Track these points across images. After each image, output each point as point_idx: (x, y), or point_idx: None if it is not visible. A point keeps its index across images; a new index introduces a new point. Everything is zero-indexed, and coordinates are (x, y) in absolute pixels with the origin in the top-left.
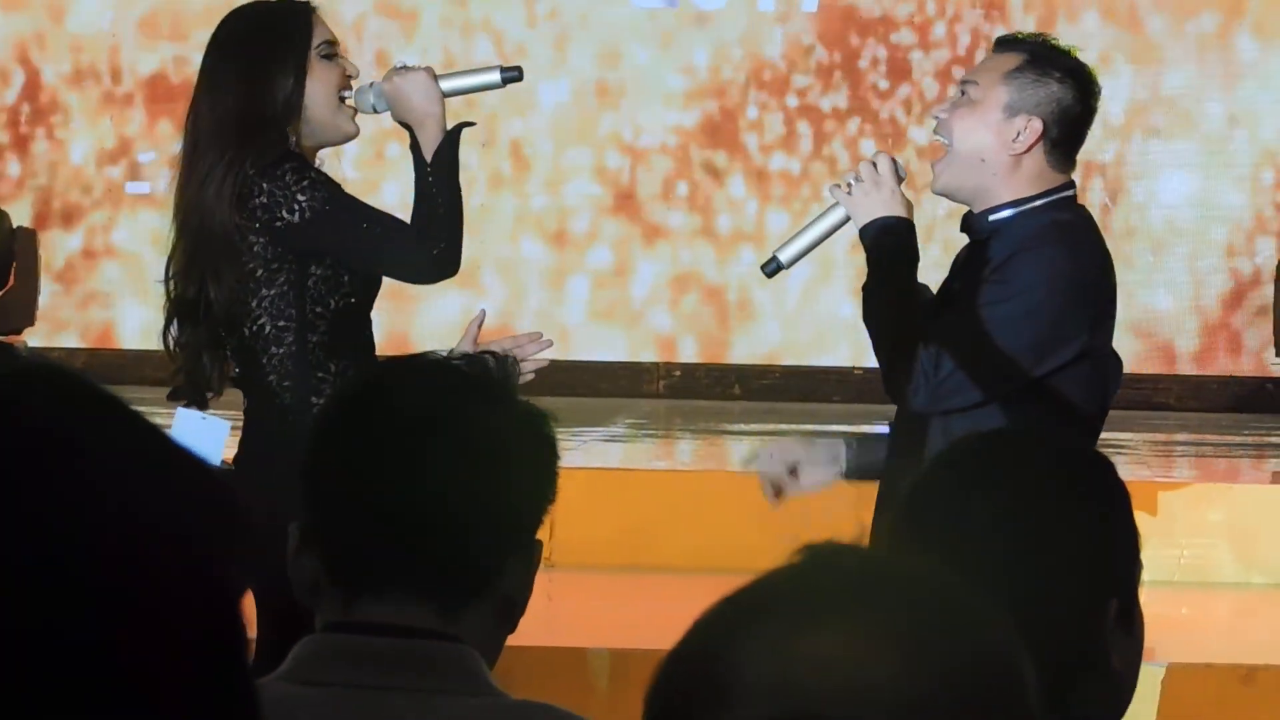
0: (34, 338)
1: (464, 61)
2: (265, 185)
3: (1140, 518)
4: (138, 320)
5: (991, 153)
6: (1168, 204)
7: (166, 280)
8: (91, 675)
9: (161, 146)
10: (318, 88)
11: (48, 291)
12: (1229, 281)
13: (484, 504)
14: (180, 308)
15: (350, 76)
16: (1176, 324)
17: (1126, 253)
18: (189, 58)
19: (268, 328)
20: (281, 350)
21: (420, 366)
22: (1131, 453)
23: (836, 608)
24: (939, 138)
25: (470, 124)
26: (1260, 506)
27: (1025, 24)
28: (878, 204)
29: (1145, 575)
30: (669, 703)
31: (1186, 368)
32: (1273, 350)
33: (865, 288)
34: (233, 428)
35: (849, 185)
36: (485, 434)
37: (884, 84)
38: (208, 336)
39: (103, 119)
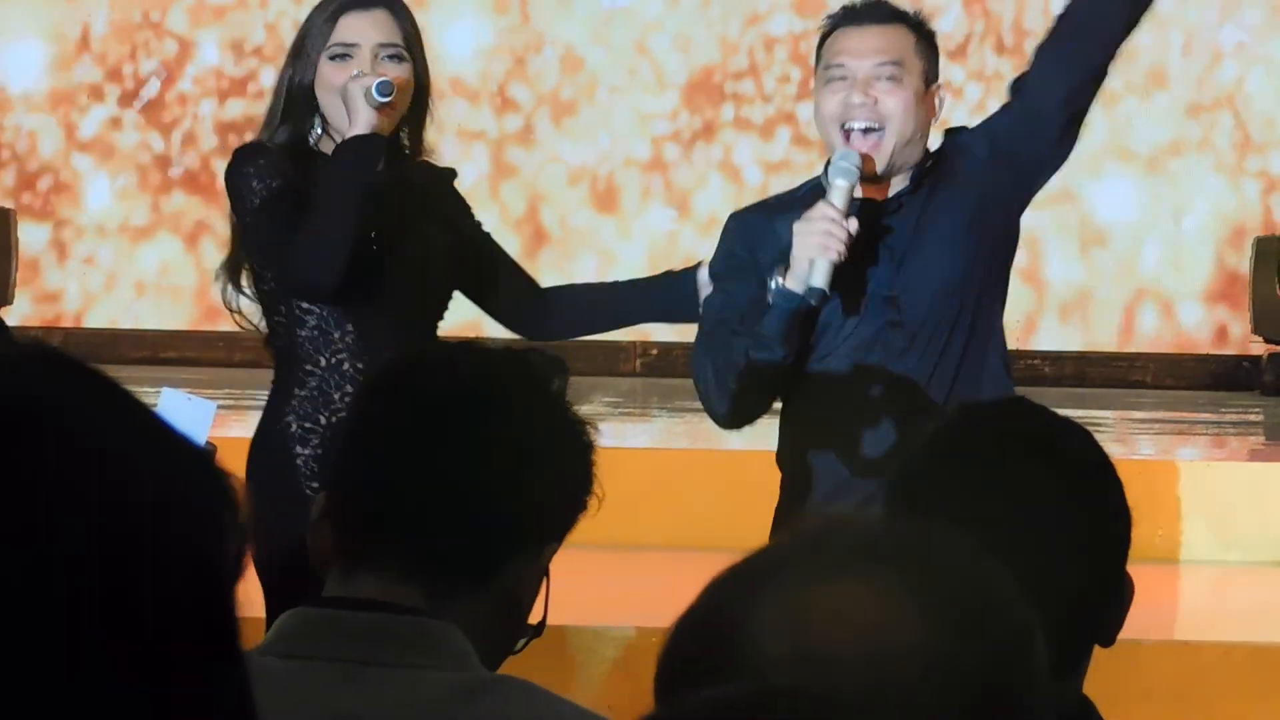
0: (9, 316)
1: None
2: (232, 176)
3: None
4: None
5: (924, 128)
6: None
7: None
8: (79, 650)
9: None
10: (322, 91)
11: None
12: (1209, 259)
13: (492, 499)
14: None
15: (355, 75)
16: (1151, 299)
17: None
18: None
19: (268, 321)
20: (278, 345)
21: (458, 353)
22: (1108, 430)
23: (848, 568)
24: (866, 123)
25: (369, 137)
26: (1236, 484)
27: None
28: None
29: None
30: (683, 662)
31: (1163, 345)
32: (1249, 327)
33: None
34: (219, 409)
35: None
36: (505, 429)
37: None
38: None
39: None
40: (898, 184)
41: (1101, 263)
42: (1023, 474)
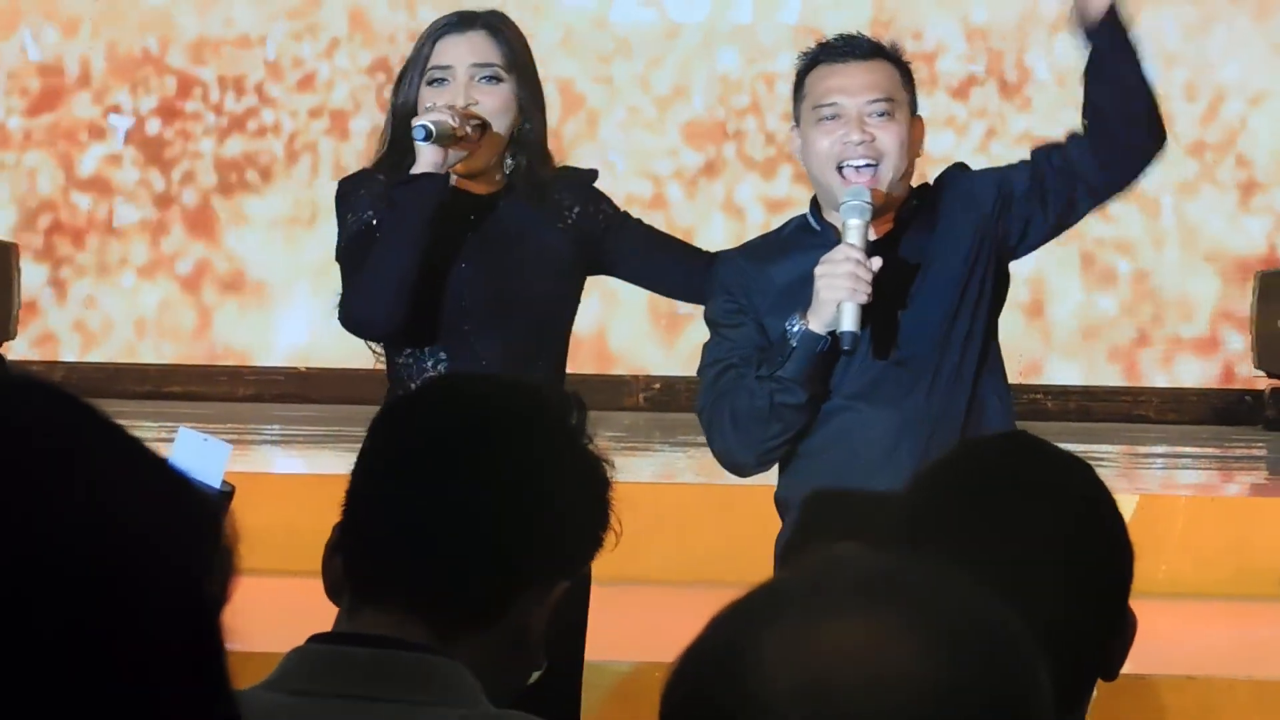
0: (9, 352)
1: None
2: (336, 206)
3: None
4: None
5: (913, 161)
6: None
7: None
8: (67, 679)
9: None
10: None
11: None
12: (1211, 293)
13: (504, 535)
14: None
15: (428, 107)
16: (1154, 334)
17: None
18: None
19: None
20: (386, 369)
21: (473, 386)
22: (1111, 464)
23: (853, 605)
24: (864, 160)
25: (422, 176)
26: (1240, 519)
27: None
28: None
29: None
30: (688, 699)
31: (1164, 380)
32: (1252, 362)
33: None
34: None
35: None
36: (519, 464)
37: None
38: None
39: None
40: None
41: (1105, 297)
42: (1024, 510)
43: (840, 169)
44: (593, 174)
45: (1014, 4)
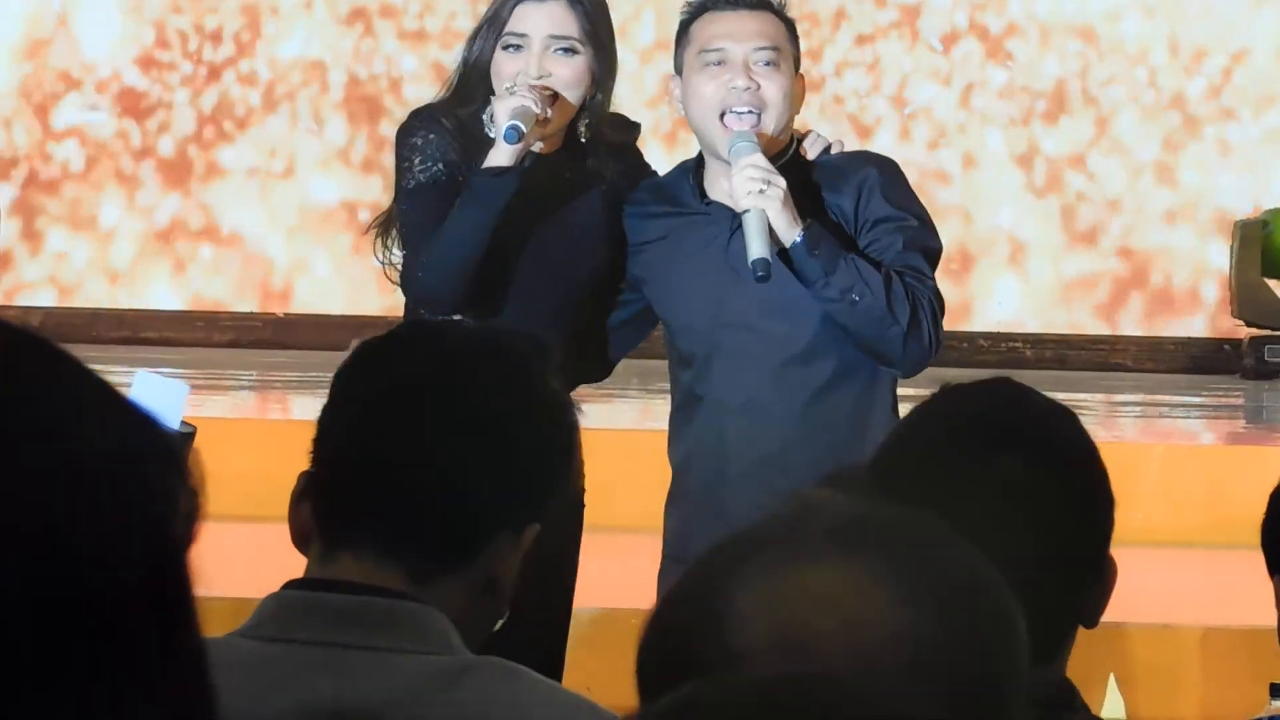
0: None
1: None
2: (400, 141)
3: None
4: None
5: (792, 117)
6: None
7: None
8: (32, 623)
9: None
10: (495, 78)
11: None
12: (1190, 241)
13: (474, 479)
14: None
15: (512, 80)
16: (1131, 283)
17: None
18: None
19: None
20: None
21: (439, 331)
22: (1089, 413)
23: (828, 552)
24: (747, 108)
25: (506, 171)
26: (1218, 467)
27: None
28: (781, 200)
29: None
30: (666, 652)
31: (1142, 328)
32: (1230, 311)
33: (831, 271)
34: (198, 389)
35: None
36: (486, 409)
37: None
38: None
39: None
40: None
41: (1083, 246)
42: (1006, 457)
43: (723, 116)
44: (636, 129)
45: None
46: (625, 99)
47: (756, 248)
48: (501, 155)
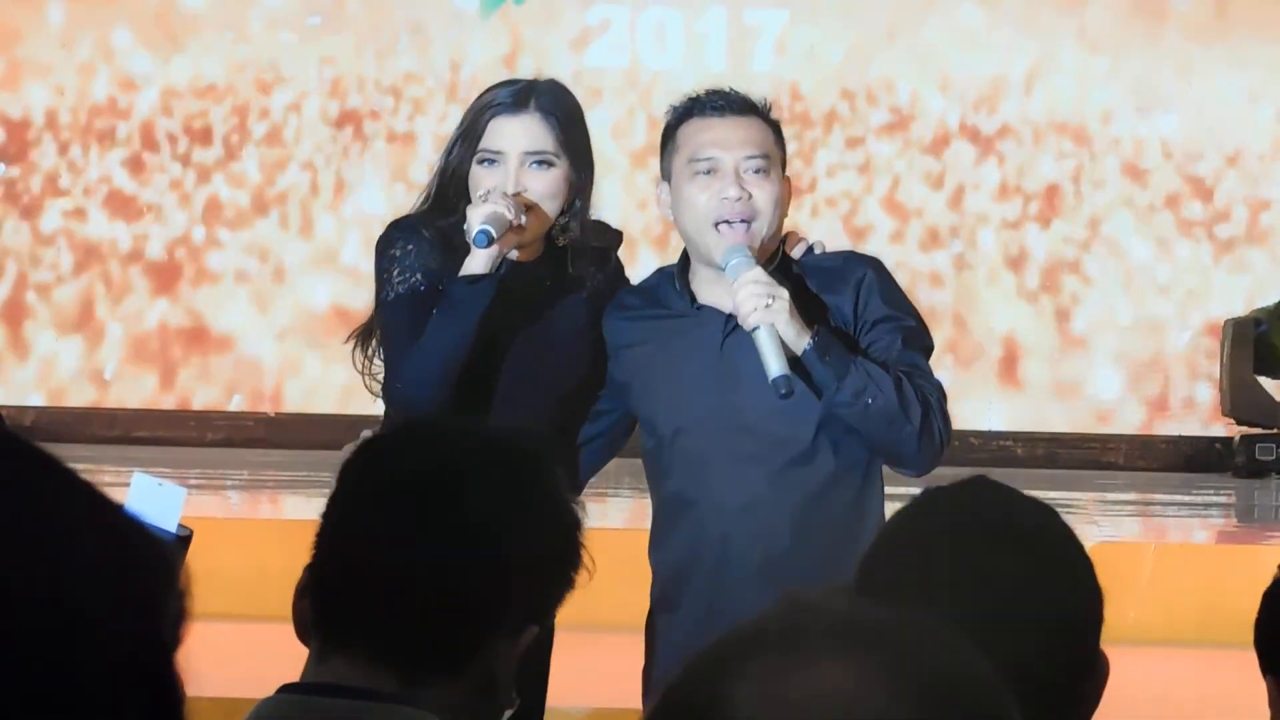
0: None
1: None
2: (380, 252)
3: None
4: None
5: (780, 221)
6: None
7: None
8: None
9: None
10: (473, 191)
11: None
12: (1181, 339)
13: (471, 583)
14: None
15: (482, 195)
16: (1124, 382)
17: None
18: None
19: None
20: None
21: (440, 431)
22: (1080, 511)
23: (829, 647)
24: (738, 219)
25: (482, 279)
26: (1209, 566)
27: None
28: (788, 311)
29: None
30: None
31: (1134, 427)
32: (1221, 409)
33: (842, 375)
34: (192, 489)
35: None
36: (484, 512)
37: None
38: None
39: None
40: None
41: (1076, 348)
42: (987, 555)
43: (715, 225)
44: (618, 236)
45: (988, 60)
46: (616, 200)
47: (775, 365)
48: (477, 263)
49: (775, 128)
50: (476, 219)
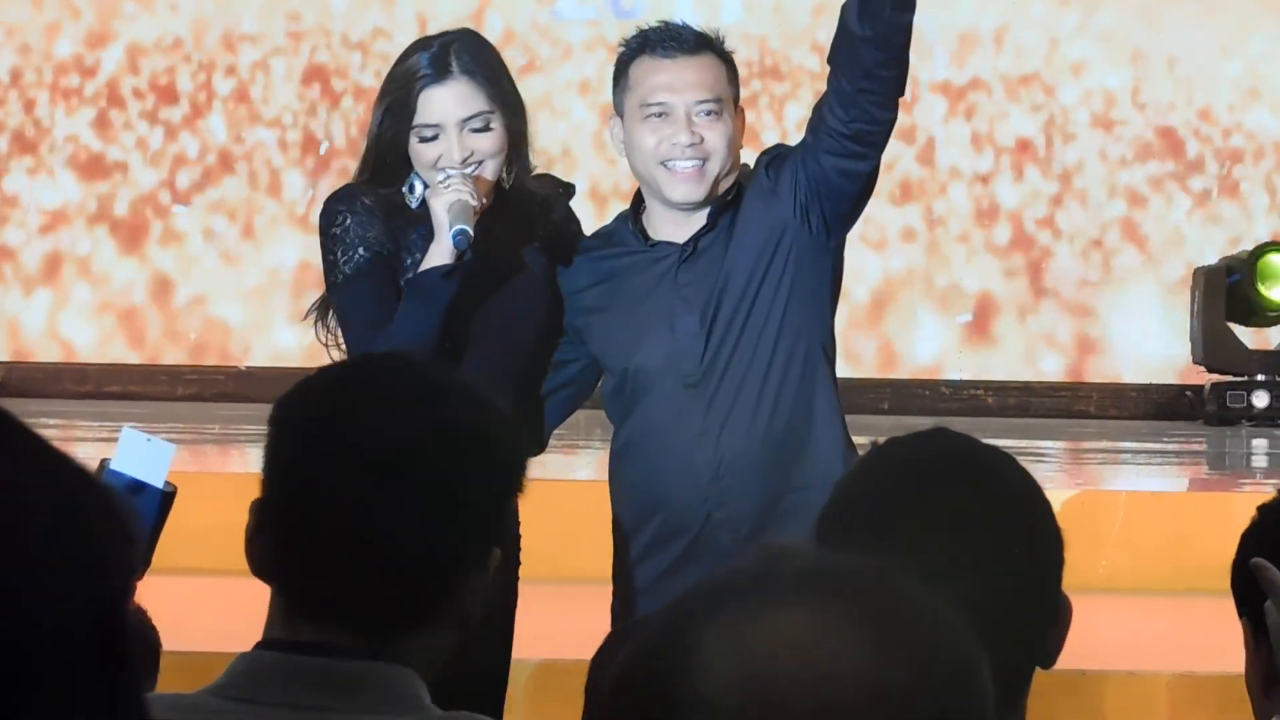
0: None
1: None
2: (322, 228)
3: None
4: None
5: (737, 155)
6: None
7: None
8: None
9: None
10: (419, 166)
11: None
12: (1152, 291)
13: (428, 542)
14: None
15: (433, 164)
16: (1096, 331)
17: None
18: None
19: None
20: None
21: (383, 389)
22: (1052, 460)
23: (797, 595)
24: (689, 163)
25: (455, 269)
26: (1180, 514)
27: None
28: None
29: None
30: (633, 689)
31: (1105, 375)
32: (1192, 357)
33: None
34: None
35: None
36: (436, 468)
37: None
38: None
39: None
40: (695, 221)
41: (1047, 294)
42: (947, 502)
43: (665, 163)
44: (570, 190)
45: (958, 14)
46: (589, 157)
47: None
48: (444, 253)
49: (729, 61)
50: (442, 211)
